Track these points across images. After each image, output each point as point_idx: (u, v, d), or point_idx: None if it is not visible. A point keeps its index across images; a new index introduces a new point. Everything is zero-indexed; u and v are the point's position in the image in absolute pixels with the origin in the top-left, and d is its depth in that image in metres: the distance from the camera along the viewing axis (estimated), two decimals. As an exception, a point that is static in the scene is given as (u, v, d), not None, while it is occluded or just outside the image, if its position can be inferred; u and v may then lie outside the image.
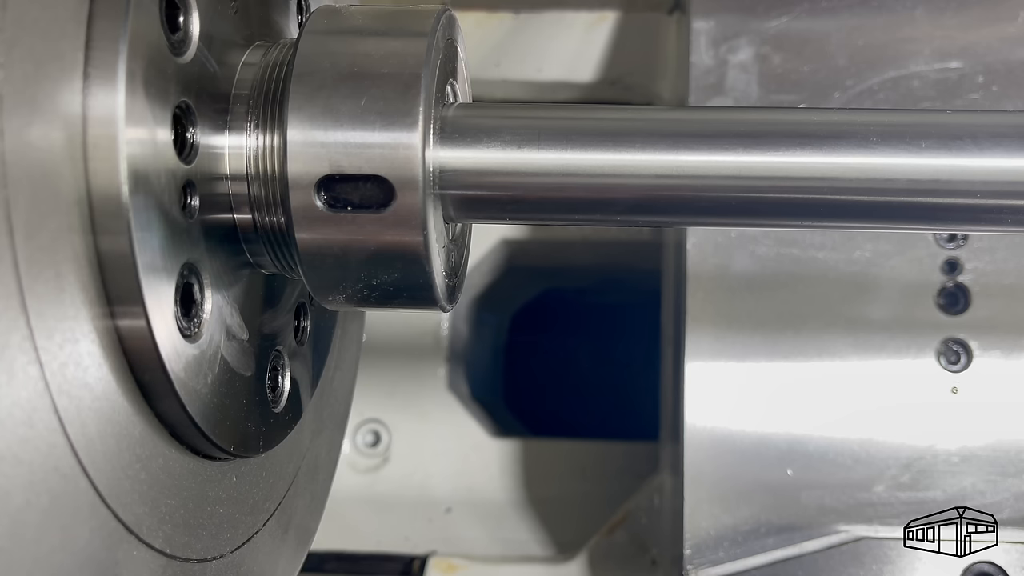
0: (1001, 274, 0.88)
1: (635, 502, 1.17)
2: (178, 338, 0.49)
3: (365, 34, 0.57)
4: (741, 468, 0.86)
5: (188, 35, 0.50)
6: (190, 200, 0.51)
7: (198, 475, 0.54)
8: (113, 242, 0.44)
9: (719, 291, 0.89)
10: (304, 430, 0.69)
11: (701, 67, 0.94)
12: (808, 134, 0.55)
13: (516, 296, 1.56)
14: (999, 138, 0.54)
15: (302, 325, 0.67)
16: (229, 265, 0.56)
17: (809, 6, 0.95)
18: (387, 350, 1.29)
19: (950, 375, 0.86)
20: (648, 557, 1.15)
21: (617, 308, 1.60)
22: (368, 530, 1.24)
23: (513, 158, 0.56)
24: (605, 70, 1.18)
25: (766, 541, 0.85)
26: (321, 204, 0.53)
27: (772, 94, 0.93)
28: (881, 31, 0.93)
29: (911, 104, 0.91)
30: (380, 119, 0.53)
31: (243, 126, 0.55)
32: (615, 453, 1.29)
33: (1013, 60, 0.91)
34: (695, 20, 0.96)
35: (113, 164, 0.44)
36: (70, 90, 0.43)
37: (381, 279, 0.56)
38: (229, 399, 0.55)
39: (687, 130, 0.56)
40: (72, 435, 0.42)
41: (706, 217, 0.61)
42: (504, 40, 1.18)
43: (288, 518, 0.68)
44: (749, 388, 0.87)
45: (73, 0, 0.43)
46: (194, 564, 0.54)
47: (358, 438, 1.28)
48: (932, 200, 0.55)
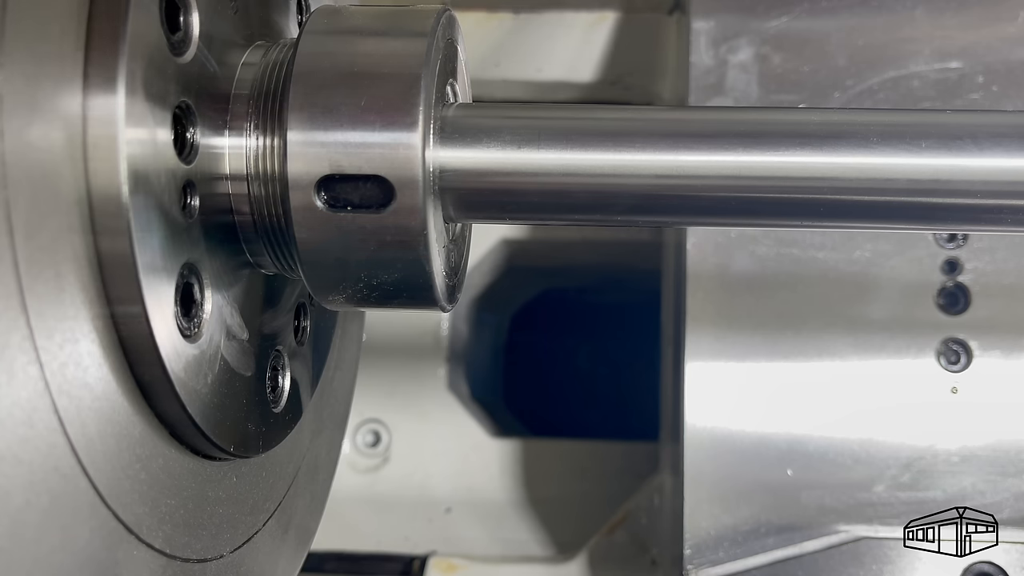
0: (1001, 274, 0.88)
1: (635, 502, 1.17)
2: (178, 338, 0.49)
3: (365, 34, 0.57)
4: (741, 468, 0.86)
5: (188, 35, 0.50)
6: (190, 200, 0.51)
7: (198, 475, 0.54)
8: (113, 242, 0.44)
9: (719, 291, 0.89)
10: (304, 430, 0.69)
11: (701, 67, 0.94)
12: (808, 134, 0.55)
13: (516, 296, 1.56)
14: (999, 138, 0.54)
15: (302, 325, 0.67)
16: (229, 265, 0.56)
17: (809, 6, 0.95)
18: (387, 350, 1.29)
19: (950, 375, 0.86)
20: (648, 557, 1.15)
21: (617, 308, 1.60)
22: (368, 530, 1.24)
23: (513, 158, 0.56)
24: (605, 70, 1.18)
25: (766, 541, 0.85)
26: (321, 204, 0.53)
27: (772, 94, 0.93)
28: (881, 31, 0.93)
29: (911, 104, 0.91)
30: (380, 119, 0.53)
31: (243, 126, 0.55)
32: (615, 453, 1.29)
33: (1013, 60, 0.91)
34: (695, 20, 0.96)
35: (113, 164, 0.44)
36: (70, 90, 0.43)
37: (381, 279, 0.56)
38: (229, 399, 0.55)
39: (687, 130, 0.56)
40: (72, 435, 0.42)
41: (706, 217, 0.61)
42: (504, 40, 1.18)
43: (288, 518, 0.68)
44: (749, 388, 0.87)
45: (73, 0, 0.43)
46: (194, 564, 0.54)
47: (358, 438, 1.28)
48: (932, 200, 0.55)
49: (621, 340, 1.60)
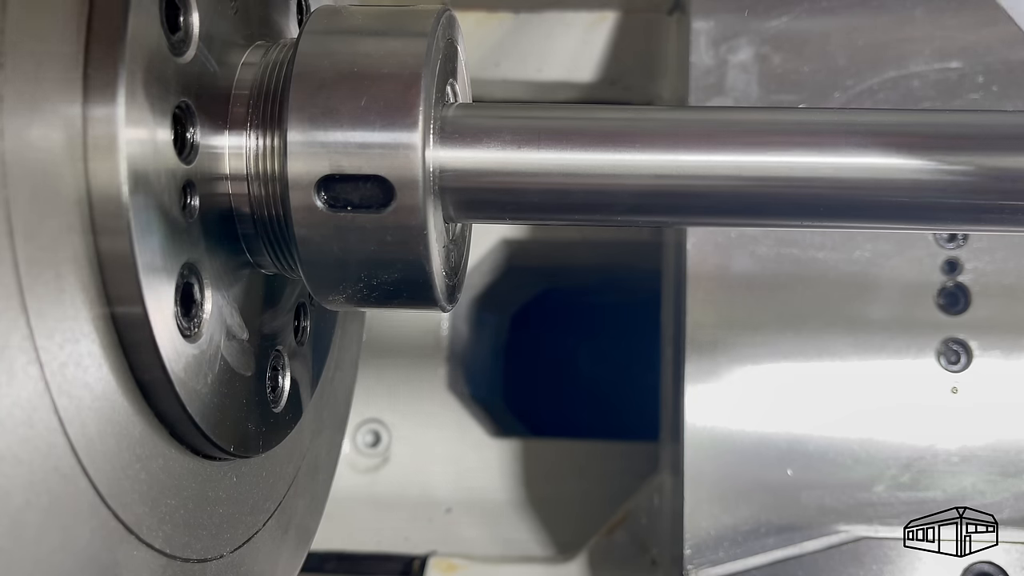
0: (1001, 274, 0.88)
1: (635, 502, 1.17)
2: (178, 338, 0.49)
3: (365, 34, 0.57)
4: (741, 468, 0.86)
5: (188, 35, 0.50)
6: (190, 200, 0.51)
7: (198, 475, 0.54)
8: (113, 242, 0.44)
9: (719, 291, 0.89)
10: (304, 430, 0.69)
11: (701, 67, 0.94)
12: (808, 134, 0.55)
13: (516, 296, 1.56)
14: (999, 138, 0.54)
15: (302, 325, 0.67)
16: (229, 265, 0.56)
17: (809, 6, 0.95)
18: (387, 350, 1.29)
19: (950, 375, 0.86)
20: (648, 557, 1.15)
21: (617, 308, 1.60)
22: (368, 530, 1.24)
23: (513, 158, 0.56)
24: (605, 70, 1.18)
25: (766, 541, 0.85)
26: (321, 204, 0.53)
27: (772, 94, 0.93)
28: (881, 31, 0.93)
29: (911, 104, 0.91)
30: (380, 119, 0.53)
31: (243, 126, 0.55)
32: (615, 453, 1.29)
33: (1013, 60, 0.91)
34: (695, 20, 0.96)
35: (113, 164, 0.44)
36: (70, 90, 0.43)
37: (381, 279, 0.56)
38: (229, 399, 0.55)
39: (687, 130, 0.56)
40: (72, 435, 0.42)
41: (706, 217, 0.61)
42: (504, 40, 1.18)
43: (288, 518, 0.68)
44: (749, 388, 0.87)
45: (73, 0, 0.43)
46: (194, 564, 0.54)
47: (358, 438, 1.28)
48: (932, 200, 0.55)
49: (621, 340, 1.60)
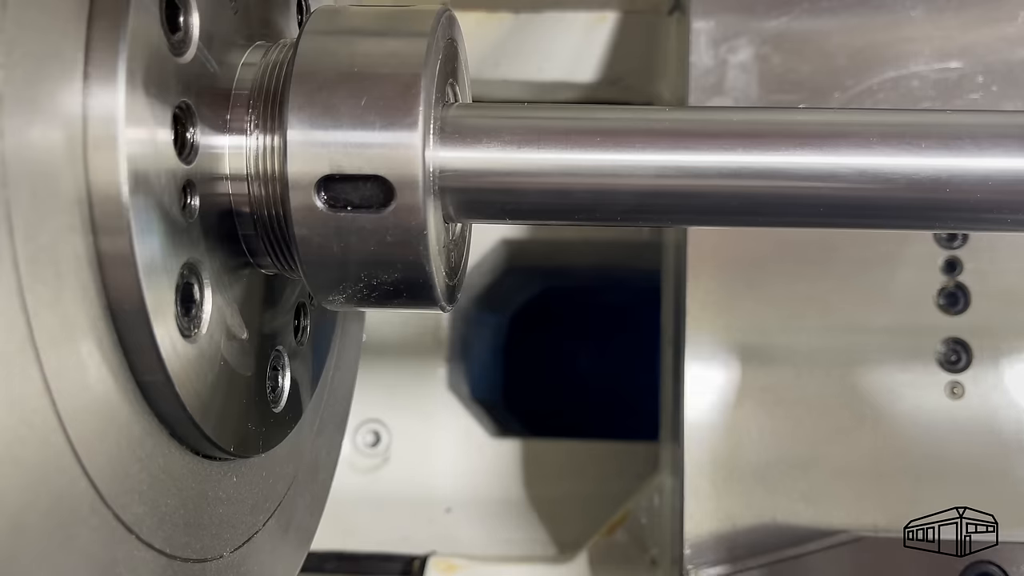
0: (1001, 274, 0.88)
1: (635, 502, 1.17)
2: (178, 338, 0.49)
3: (365, 34, 0.57)
4: (741, 468, 0.86)
5: (188, 35, 0.50)
6: (190, 200, 0.51)
7: (198, 475, 0.54)
8: (113, 242, 0.44)
9: (719, 291, 0.89)
10: (304, 430, 0.69)
11: (701, 67, 0.94)
12: (808, 134, 0.55)
13: (516, 296, 1.56)
14: (999, 138, 0.54)
15: (302, 325, 0.67)
16: (229, 265, 0.56)
17: (809, 6, 0.95)
18: (387, 350, 1.29)
19: (950, 375, 0.86)
20: (648, 557, 1.15)
21: (617, 308, 1.60)
22: (368, 530, 1.25)
23: (513, 158, 0.55)
24: (605, 70, 1.18)
25: (766, 541, 0.85)
26: (321, 204, 0.53)
27: (772, 94, 0.93)
28: (881, 31, 0.93)
29: (911, 104, 0.91)
30: (380, 119, 0.53)
31: (243, 126, 0.55)
32: (615, 453, 1.29)
33: (1013, 60, 0.91)
34: (695, 20, 0.96)
35: (113, 164, 0.44)
36: (70, 90, 0.43)
37: (381, 279, 0.56)
38: (229, 399, 0.55)
39: (687, 130, 0.56)
40: (72, 435, 0.42)
41: (706, 217, 0.61)
42: (504, 40, 1.18)
43: (288, 518, 0.68)
44: (749, 388, 0.87)
45: (73, 0, 0.43)
46: (194, 564, 0.54)
47: (358, 438, 1.28)
48: (932, 200, 0.55)
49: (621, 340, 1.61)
